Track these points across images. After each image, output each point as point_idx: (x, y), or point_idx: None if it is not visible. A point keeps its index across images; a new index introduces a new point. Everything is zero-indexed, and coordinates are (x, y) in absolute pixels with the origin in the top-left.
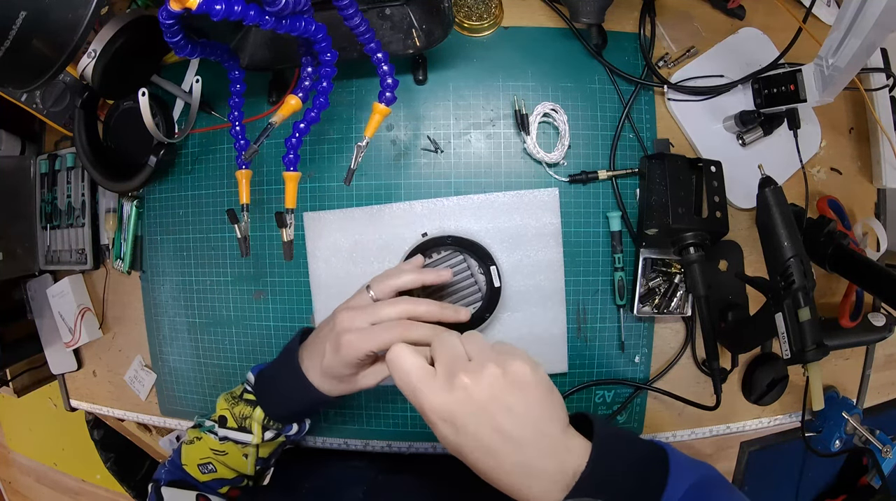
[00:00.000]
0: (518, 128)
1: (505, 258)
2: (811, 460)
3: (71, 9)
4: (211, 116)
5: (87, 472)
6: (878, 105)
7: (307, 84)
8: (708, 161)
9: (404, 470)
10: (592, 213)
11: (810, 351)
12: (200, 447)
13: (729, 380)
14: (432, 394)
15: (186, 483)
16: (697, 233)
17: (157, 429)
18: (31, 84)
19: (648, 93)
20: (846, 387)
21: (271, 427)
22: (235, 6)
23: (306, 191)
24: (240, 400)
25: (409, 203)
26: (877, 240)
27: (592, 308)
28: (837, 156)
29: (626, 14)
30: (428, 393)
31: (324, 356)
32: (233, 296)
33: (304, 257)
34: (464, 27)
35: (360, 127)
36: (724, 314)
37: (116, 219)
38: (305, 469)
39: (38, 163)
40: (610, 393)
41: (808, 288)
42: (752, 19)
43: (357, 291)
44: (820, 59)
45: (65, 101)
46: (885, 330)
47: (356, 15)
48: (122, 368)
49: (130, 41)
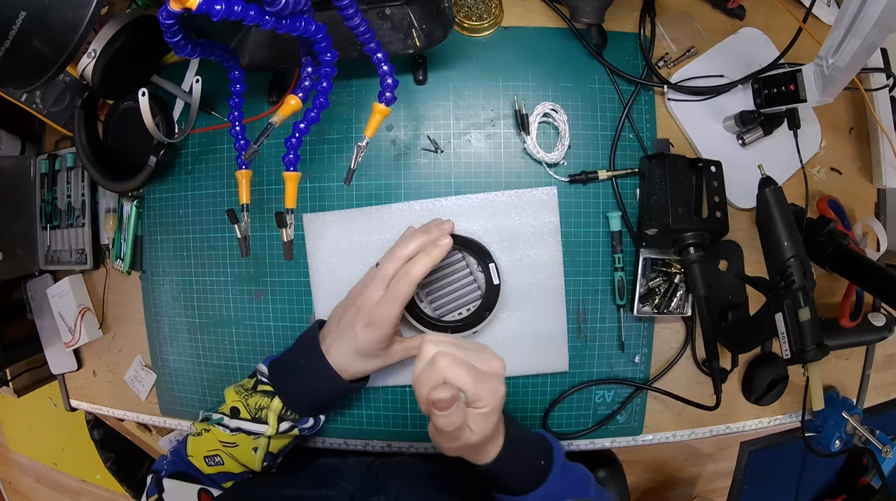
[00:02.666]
0: (518, 128)
1: (504, 257)
2: (811, 460)
3: (71, 9)
4: (211, 116)
5: (87, 472)
6: (878, 105)
7: (307, 84)
8: (708, 161)
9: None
10: (592, 213)
11: (810, 351)
12: (208, 439)
13: (729, 380)
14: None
15: (189, 475)
16: (697, 233)
17: (157, 429)
18: (31, 84)
19: (648, 93)
20: (846, 387)
21: (288, 417)
22: (235, 6)
23: (306, 191)
24: (254, 391)
25: (408, 203)
26: (877, 240)
27: (592, 308)
28: (837, 156)
29: (626, 14)
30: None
31: (356, 336)
32: (233, 296)
33: (304, 257)
34: (464, 27)
35: (360, 127)
36: (724, 314)
37: (116, 219)
38: (299, 460)
39: (38, 163)
40: (610, 393)
41: (808, 288)
42: (752, 19)
43: (367, 272)
44: (820, 59)
45: (65, 101)
46: (885, 330)
47: (356, 15)
48: (122, 368)
49: (130, 41)
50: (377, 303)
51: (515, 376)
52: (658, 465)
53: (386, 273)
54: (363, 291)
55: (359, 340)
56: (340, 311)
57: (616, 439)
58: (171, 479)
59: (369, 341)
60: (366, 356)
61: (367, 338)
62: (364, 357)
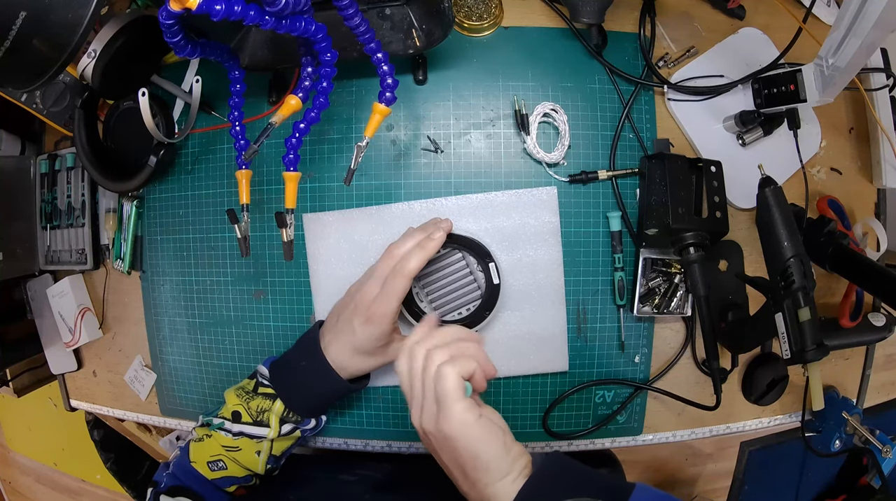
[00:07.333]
0: (518, 129)
1: (504, 257)
2: (811, 460)
3: (71, 9)
4: (211, 116)
5: (87, 472)
6: (878, 105)
7: (307, 84)
8: (708, 161)
9: (394, 490)
10: (592, 213)
11: (810, 351)
12: (211, 444)
13: (729, 380)
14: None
15: (187, 489)
16: (697, 233)
17: (157, 429)
18: (31, 84)
19: (648, 93)
20: (846, 387)
21: (290, 419)
22: (235, 6)
23: (306, 191)
24: (255, 394)
25: (408, 203)
26: (877, 240)
27: (592, 308)
28: (837, 156)
29: (626, 14)
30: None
31: (354, 333)
32: (233, 296)
33: (304, 257)
34: (464, 27)
35: (360, 127)
36: (724, 314)
37: (116, 219)
38: (288, 480)
39: (38, 163)
40: (610, 393)
41: (808, 288)
42: (752, 19)
43: (366, 271)
44: (820, 59)
45: (65, 101)
46: (885, 330)
47: (356, 15)
48: (122, 368)
49: (130, 41)
50: (374, 299)
51: (515, 376)
52: (658, 465)
53: (382, 269)
54: (361, 288)
55: (357, 337)
56: (339, 309)
57: (616, 439)
58: (168, 496)
59: (368, 338)
60: (364, 353)
61: (365, 335)
62: (363, 354)
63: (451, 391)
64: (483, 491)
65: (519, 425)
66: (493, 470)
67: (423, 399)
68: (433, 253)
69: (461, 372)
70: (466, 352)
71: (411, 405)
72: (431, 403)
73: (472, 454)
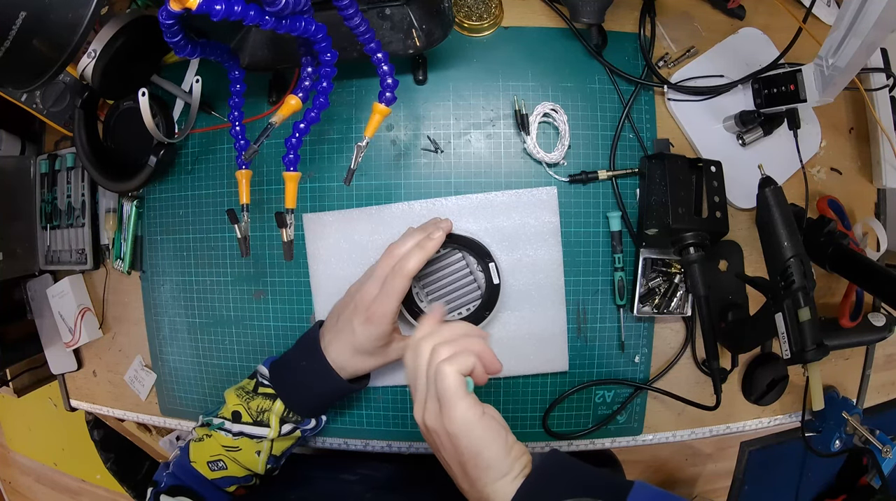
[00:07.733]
0: (518, 129)
1: (504, 257)
2: (811, 460)
3: (71, 9)
4: (211, 116)
5: (87, 472)
6: (878, 105)
7: (307, 84)
8: (708, 161)
9: (395, 490)
10: (592, 213)
11: (810, 351)
12: (211, 444)
13: (729, 380)
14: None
15: (187, 489)
16: (697, 233)
17: (157, 429)
18: (31, 84)
19: (648, 93)
20: (846, 387)
21: (290, 419)
22: (235, 6)
23: (306, 191)
24: (255, 394)
25: (408, 203)
26: (877, 240)
27: (592, 308)
28: (837, 156)
29: (626, 14)
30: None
31: (354, 333)
32: (233, 296)
33: (304, 257)
34: (464, 27)
35: (360, 127)
36: (724, 314)
37: (116, 219)
38: (288, 480)
39: (38, 163)
40: (610, 393)
41: (808, 288)
42: (752, 19)
43: (366, 271)
44: (820, 59)
45: (65, 101)
46: (885, 330)
47: (356, 15)
48: (122, 368)
49: (130, 41)
50: (374, 299)
51: (515, 376)
52: (658, 465)
53: (382, 269)
54: (360, 288)
55: (357, 337)
56: (339, 309)
57: (616, 439)
58: (168, 495)
59: (368, 338)
60: (364, 353)
61: (365, 335)
62: (363, 354)
63: (452, 388)
64: (482, 490)
65: (519, 425)
66: (494, 469)
67: (426, 394)
68: (433, 253)
69: (460, 369)
70: (471, 348)
71: (415, 400)
72: (434, 399)
73: (473, 452)
